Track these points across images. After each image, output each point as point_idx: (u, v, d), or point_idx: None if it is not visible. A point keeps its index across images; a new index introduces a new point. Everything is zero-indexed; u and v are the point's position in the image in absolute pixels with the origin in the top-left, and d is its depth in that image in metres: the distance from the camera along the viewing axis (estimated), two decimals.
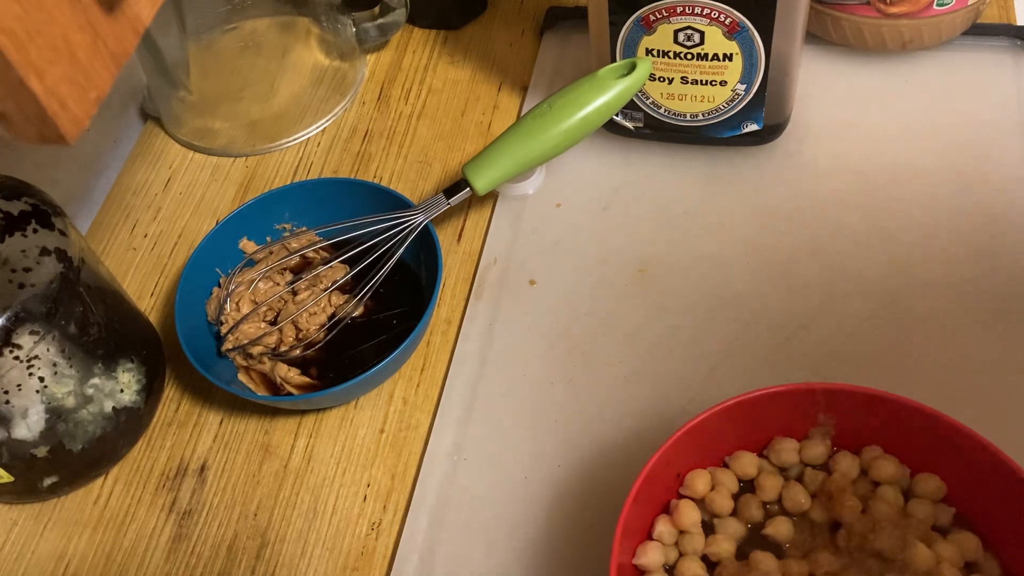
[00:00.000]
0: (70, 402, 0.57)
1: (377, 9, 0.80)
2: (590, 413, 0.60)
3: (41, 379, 0.54)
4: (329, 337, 0.62)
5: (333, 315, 0.63)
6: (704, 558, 0.50)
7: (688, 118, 0.68)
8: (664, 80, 0.66)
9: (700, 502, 0.52)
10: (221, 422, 0.64)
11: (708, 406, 0.51)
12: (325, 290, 0.64)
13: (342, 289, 0.65)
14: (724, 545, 0.50)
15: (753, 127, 0.68)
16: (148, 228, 0.75)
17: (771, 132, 0.69)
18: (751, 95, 0.65)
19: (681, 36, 0.63)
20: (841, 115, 0.72)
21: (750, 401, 0.51)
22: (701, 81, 0.65)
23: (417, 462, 0.60)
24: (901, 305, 0.62)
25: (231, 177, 0.77)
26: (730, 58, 0.63)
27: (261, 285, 0.65)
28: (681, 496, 0.52)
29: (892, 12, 0.70)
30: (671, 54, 0.64)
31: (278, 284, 0.66)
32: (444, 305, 0.67)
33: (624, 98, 0.63)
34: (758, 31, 0.61)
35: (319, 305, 0.64)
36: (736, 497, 0.52)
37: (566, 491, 0.58)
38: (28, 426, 0.55)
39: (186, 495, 0.61)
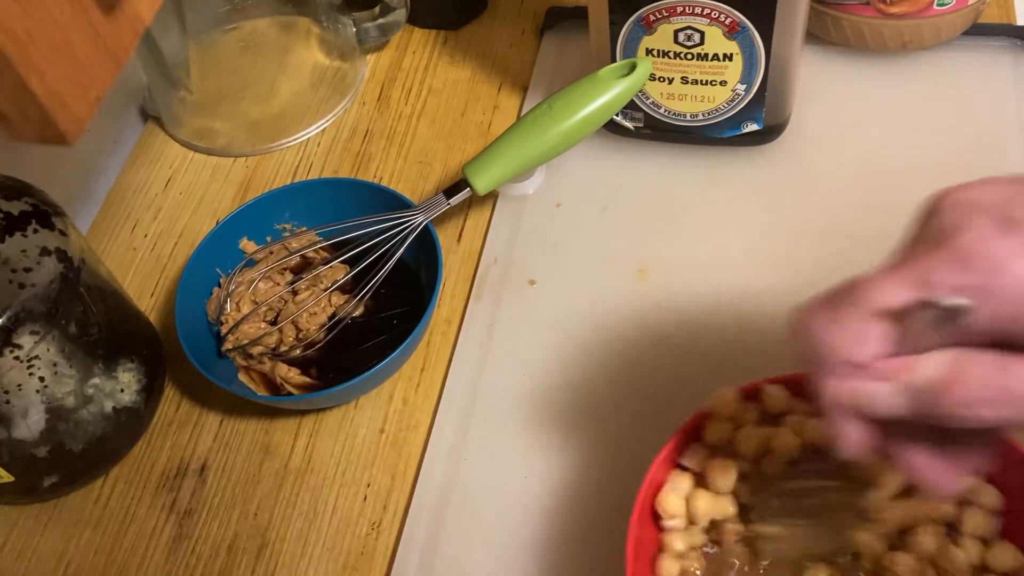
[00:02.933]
0: (70, 402, 0.57)
1: (377, 9, 0.80)
2: (589, 412, 0.60)
3: (41, 379, 0.54)
4: (329, 337, 0.62)
5: (333, 315, 0.63)
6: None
7: (688, 118, 0.68)
8: (664, 80, 0.66)
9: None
10: (221, 422, 0.64)
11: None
12: (325, 290, 0.64)
13: (342, 289, 0.65)
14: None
15: (753, 127, 0.68)
16: (148, 228, 0.75)
17: (771, 132, 0.69)
18: (751, 95, 0.65)
19: (681, 36, 0.63)
20: (841, 115, 0.72)
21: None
22: (701, 81, 0.65)
23: (417, 462, 0.60)
24: None
25: (231, 177, 0.77)
26: (730, 58, 0.63)
27: (261, 285, 0.65)
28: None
29: (892, 12, 0.70)
30: (671, 54, 0.64)
31: (278, 284, 0.66)
32: (444, 305, 0.67)
33: (624, 98, 0.63)
34: (758, 31, 0.61)
35: (319, 305, 0.64)
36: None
37: (566, 490, 0.58)
38: (28, 426, 0.55)
39: (186, 495, 0.61)
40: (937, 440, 0.38)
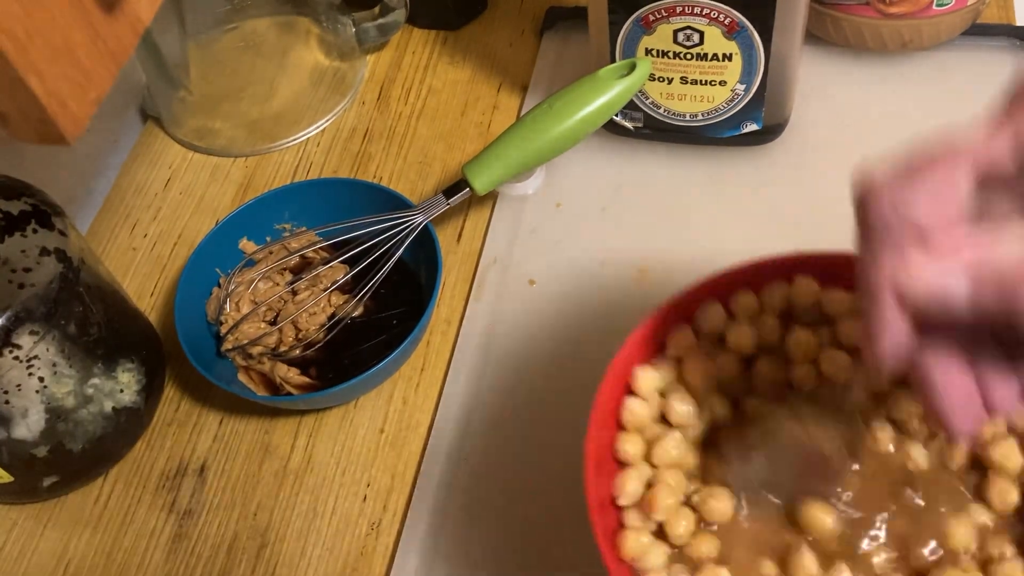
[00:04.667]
0: (70, 402, 0.57)
1: (377, 9, 0.80)
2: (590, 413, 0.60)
3: (41, 379, 0.54)
4: (329, 337, 0.62)
5: (333, 315, 0.63)
6: None
7: (688, 118, 0.68)
8: (664, 80, 0.66)
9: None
10: (221, 422, 0.64)
11: None
12: (325, 290, 0.64)
13: (342, 289, 0.65)
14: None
15: (753, 127, 0.68)
16: (148, 228, 0.75)
17: (771, 132, 0.69)
18: (751, 95, 0.66)
19: (681, 36, 0.63)
20: (841, 115, 0.72)
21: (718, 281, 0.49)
22: (701, 81, 0.65)
23: (417, 462, 0.60)
24: None
25: (231, 177, 0.77)
26: (729, 58, 0.63)
27: (261, 285, 0.65)
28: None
29: (892, 12, 0.70)
30: (671, 54, 0.64)
31: (278, 284, 0.66)
32: (444, 305, 0.67)
33: (624, 98, 0.63)
34: (758, 31, 0.61)
35: (319, 305, 0.64)
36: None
37: (566, 490, 0.57)
38: (28, 426, 0.55)
39: (186, 495, 0.61)
40: (975, 359, 0.31)
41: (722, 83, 0.65)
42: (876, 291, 0.31)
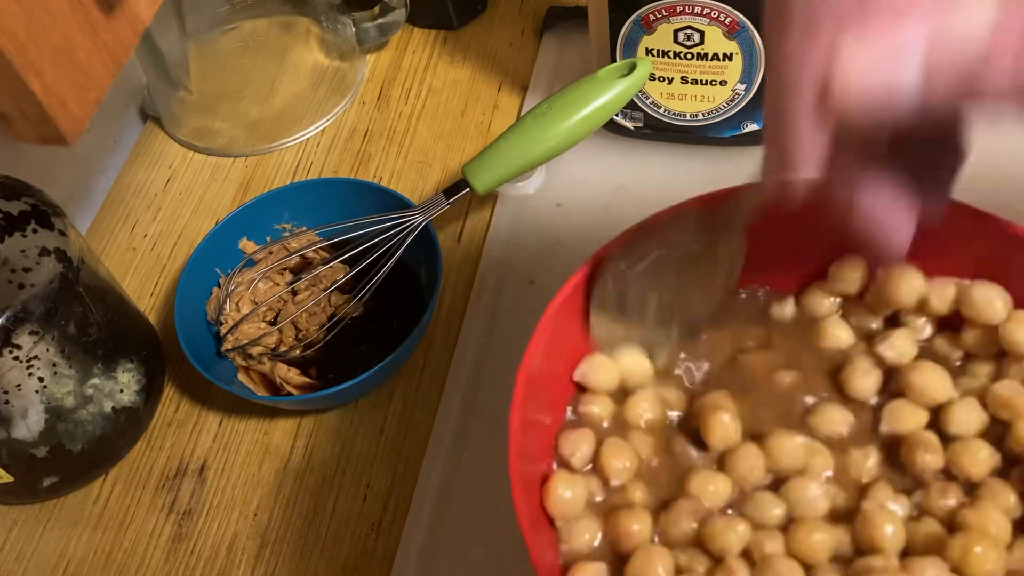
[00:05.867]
0: (70, 402, 0.57)
1: (377, 9, 0.80)
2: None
3: (41, 379, 0.54)
4: (329, 337, 0.62)
5: (333, 315, 0.63)
6: None
7: (688, 118, 0.68)
8: (664, 80, 0.66)
9: None
10: (221, 422, 0.64)
11: None
12: (325, 290, 0.64)
13: (342, 289, 0.65)
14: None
15: (753, 127, 0.68)
16: (148, 228, 0.75)
17: None
18: (751, 95, 0.65)
19: (681, 36, 0.63)
20: None
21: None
22: (701, 81, 0.65)
23: (417, 462, 0.60)
24: None
25: (231, 177, 0.77)
26: (730, 58, 0.63)
27: (261, 285, 0.65)
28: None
29: None
30: (671, 54, 0.64)
31: (278, 284, 0.66)
32: (444, 305, 0.67)
33: (624, 98, 0.63)
34: (758, 31, 0.61)
35: (319, 305, 0.64)
36: None
37: None
38: (28, 426, 0.55)
39: (186, 495, 0.61)
40: (896, 171, 0.25)
41: (723, 83, 0.65)
42: (790, 89, 0.23)
